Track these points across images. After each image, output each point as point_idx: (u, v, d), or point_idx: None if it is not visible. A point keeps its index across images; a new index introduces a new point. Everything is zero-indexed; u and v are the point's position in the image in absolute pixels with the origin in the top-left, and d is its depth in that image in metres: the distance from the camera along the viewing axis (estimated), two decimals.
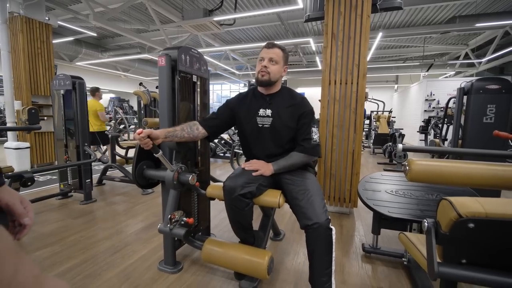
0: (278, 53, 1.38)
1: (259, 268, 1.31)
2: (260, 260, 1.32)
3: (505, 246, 0.71)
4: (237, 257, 1.38)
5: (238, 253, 1.39)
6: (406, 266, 1.67)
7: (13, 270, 0.27)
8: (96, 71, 11.89)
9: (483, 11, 6.03)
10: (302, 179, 1.37)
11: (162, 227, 1.50)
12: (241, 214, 1.34)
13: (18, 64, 4.34)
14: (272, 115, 1.41)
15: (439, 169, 1.08)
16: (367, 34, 2.38)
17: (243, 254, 1.38)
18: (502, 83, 2.53)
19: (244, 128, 1.48)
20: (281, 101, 1.43)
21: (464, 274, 0.75)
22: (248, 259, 1.35)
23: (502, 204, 0.70)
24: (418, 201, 1.70)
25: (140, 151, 1.49)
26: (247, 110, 1.47)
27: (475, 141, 2.56)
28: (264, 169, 1.38)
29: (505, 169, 1.01)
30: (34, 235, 2.04)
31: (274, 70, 1.37)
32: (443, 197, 0.76)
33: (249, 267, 1.34)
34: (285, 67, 1.44)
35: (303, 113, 1.39)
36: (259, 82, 1.39)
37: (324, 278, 1.17)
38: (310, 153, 1.40)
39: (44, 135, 4.57)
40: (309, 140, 1.38)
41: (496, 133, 1.21)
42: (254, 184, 1.32)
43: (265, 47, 1.40)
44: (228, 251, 1.42)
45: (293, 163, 1.40)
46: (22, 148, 3.22)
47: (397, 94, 13.40)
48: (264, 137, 1.43)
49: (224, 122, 1.52)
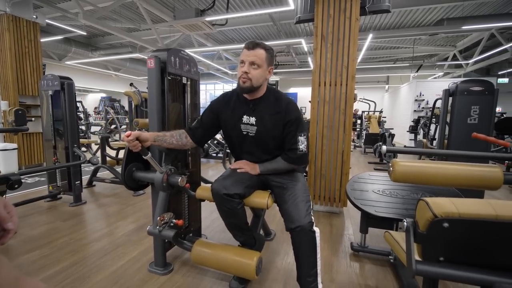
0: (260, 55, 1.23)
1: (247, 269, 1.33)
2: (249, 261, 1.34)
3: (478, 245, 0.75)
4: (226, 258, 1.40)
5: (227, 254, 1.42)
6: (392, 263, 1.72)
7: None
8: (86, 70, 11.70)
9: (469, 14, 6.19)
10: (289, 181, 1.40)
11: (151, 229, 1.50)
12: (233, 214, 1.34)
13: (4, 64, 4.24)
14: (256, 123, 1.34)
15: (420, 170, 1.12)
16: (355, 36, 2.43)
17: (232, 255, 1.40)
18: (485, 85, 2.61)
19: (229, 133, 1.44)
20: (265, 108, 1.34)
21: (440, 271, 0.78)
22: (237, 260, 1.37)
23: (475, 204, 0.73)
24: (404, 200, 1.75)
25: (129, 153, 1.49)
26: (231, 114, 1.39)
27: (459, 141, 2.64)
28: (250, 168, 1.42)
29: (482, 169, 1.06)
30: (23, 238, 2.02)
31: (256, 75, 1.24)
32: (420, 198, 0.80)
33: (238, 268, 1.37)
34: (270, 69, 1.31)
35: (288, 121, 1.30)
36: (241, 89, 1.29)
37: (310, 278, 1.21)
38: (295, 163, 1.35)
39: (32, 136, 4.48)
40: (295, 150, 1.30)
41: (475, 135, 1.26)
42: (241, 185, 1.34)
43: (245, 48, 1.25)
44: (217, 252, 1.44)
45: (278, 168, 1.39)
46: (9, 149, 3.14)
47: (388, 94, 13.61)
48: (251, 144, 1.40)
49: (209, 130, 1.47)
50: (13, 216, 0.44)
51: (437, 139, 2.99)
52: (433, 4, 5.49)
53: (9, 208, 0.44)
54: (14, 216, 0.44)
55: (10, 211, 0.44)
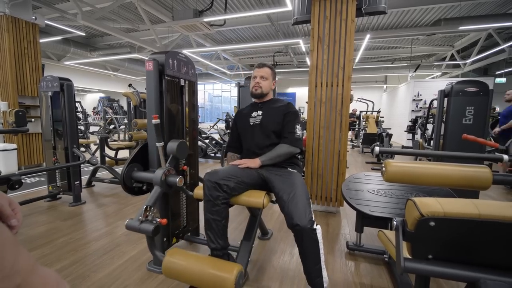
0: (267, 71, 1.69)
1: (225, 284, 1.12)
2: (227, 274, 1.13)
3: (463, 243, 0.78)
4: (201, 271, 1.17)
5: (203, 267, 1.19)
6: (387, 262, 1.75)
7: (13, 259, 0.31)
8: (85, 71, 11.71)
9: (467, 14, 6.23)
10: (289, 180, 1.45)
11: (130, 222, 1.40)
12: (214, 207, 1.34)
13: (4, 64, 4.26)
14: (262, 114, 1.68)
15: (412, 170, 1.15)
16: (352, 38, 2.46)
17: (208, 267, 1.18)
18: (480, 86, 2.64)
19: (241, 130, 1.76)
20: (270, 105, 1.71)
21: (428, 268, 0.81)
22: (213, 273, 1.15)
23: (460, 204, 0.76)
24: (398, 200, 1.79)
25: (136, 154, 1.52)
26: (244, 116, 1.76)
27: (454, 142, 2.68)
28: (251, 162, 1.52)
29: (471, 170, 1.09)
30: (23, 238, 2.04)
31: (265, 84, 1.69)
32: (408, 198, 0.83)
33: (215, 282, 1.14)
34: (273, 82, 1.76)
35: (288, 112, 1.63)
36: (254, 94, 1.70)
37: (314, 273, 1.28)
38: (294, 144, 1.57)
39: (32, 136, 4.50)
40: (293, 134, 1.58)
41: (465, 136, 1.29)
42: (234, 179, 1.40)
43: (256, 67, 1.71)
44: (191, 265, 1.22)
45: (278, 154, 1.56)
46: (9, 149, 3.17)
47: (386, 94, 13.65)
48: (254, 131, 1.67)
49: (239, 139, 1.80)
50: (18, 213, 0.46)
51: (433, 140, 3.02)
52: (430, 5, 5.53)
53: (14, 205, 0.46)
54: (19, 213, 0.46)
55: (15, 208, 0.46)
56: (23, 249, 0.33)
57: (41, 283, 0.35)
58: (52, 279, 0.37)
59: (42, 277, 0.35)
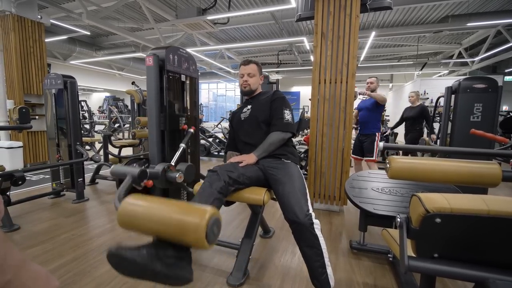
0: (253, 67, 1.68)
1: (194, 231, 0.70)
2: (196, 219, 0.72)
3: (470, 240, 0.75)
4: (164, 216, 0.76)
5: (167, 210, 0.77)
6: (391, 261, 1.71)
7: (3, 254, 0.31)
8: (90, 70, 11.81)
9: (475, 11, 6.10)
10: (283, 171, 1.44)
11: (116, 167, 1.27)
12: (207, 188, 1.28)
13: (10, 63, 4.31)
14: (251, 108, 1.72)
15: (417, 166, 1.11)
16: (356, 33, 2.41)
17: (173, 212, 0.76)
18: (488, 82, 2.57)
19: (234, 127, 1.79)
20: (259, 98, 1.75)
21: (433, 267, 0.78)
22: (179, 218, 0.74)
23: (467, 199, 0.73)
24: (403, 198, 1.74)
25: None
26: (237, 114, 1.79)
27: (462, 139, 2.61)
28: (248, 158, 1.51)
29: (480, 166, 1.04)
30: (26, 234, 2.05)
31: (252, 81, 1.69)
32: (413, 194, 0.79)
33: (180, 229, 0.73)
34: (261, 77, 1.77)
35: (275, 99, 1.65)
36: (243, 92, 1.74)
37: (319, 269, 1.23)
38: (284, 129, 1.57)
39: (37, 134, 4.55)
40: (281, 119, 1.58)
41: (473, 131, 1.25)
42: (236, 172, 1.40)
43: (242, 65, 1.71)
44: (153, 208, 0.78)
45: (270, 142, 1.55)
46: (15, 147, 3.20)
47: (392, 93, 13.49)
48: (245, 124, 1.71)
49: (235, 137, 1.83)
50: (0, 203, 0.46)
51: (440, 137, 2.96)
52: (437, 1, 5.41)
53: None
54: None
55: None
56: (12, 245, 0.34)
57: (32, 277, 0.35)
58: (42, 274, 0.38)
59: (33, 272, 0.36)
